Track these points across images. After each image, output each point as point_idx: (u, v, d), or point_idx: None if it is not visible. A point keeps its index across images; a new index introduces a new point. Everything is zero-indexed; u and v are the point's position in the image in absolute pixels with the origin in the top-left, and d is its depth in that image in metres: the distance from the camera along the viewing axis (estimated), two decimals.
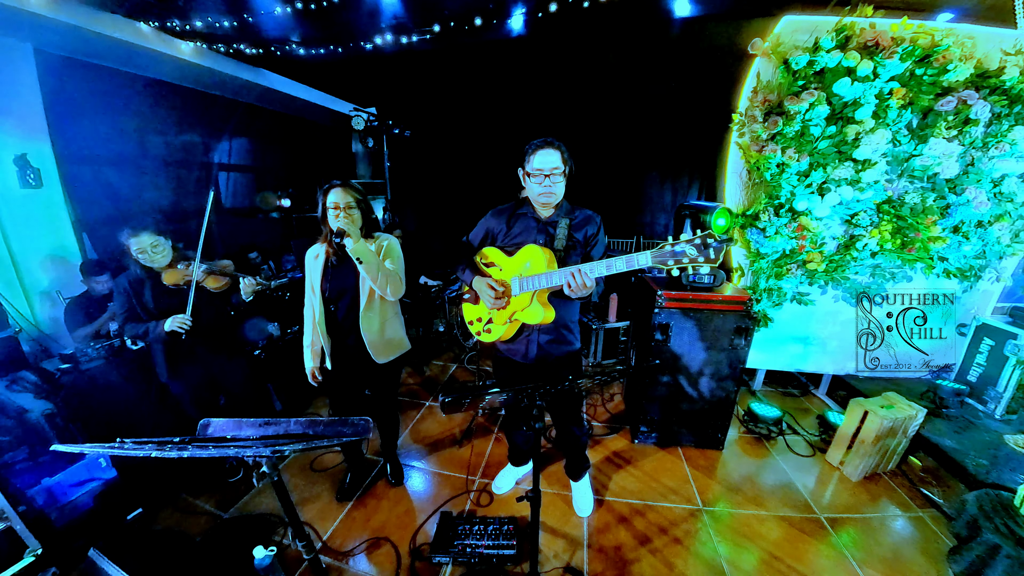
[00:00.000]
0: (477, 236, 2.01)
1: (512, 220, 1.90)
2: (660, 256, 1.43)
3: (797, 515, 2.31)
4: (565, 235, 1.80)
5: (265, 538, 2.06)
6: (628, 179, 5.66)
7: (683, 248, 1.39)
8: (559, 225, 1.81)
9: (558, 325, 1.90)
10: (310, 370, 2.16)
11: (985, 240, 2.77)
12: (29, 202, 2.83)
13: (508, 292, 1.84)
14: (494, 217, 1.95)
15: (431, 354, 4.34)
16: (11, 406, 2.10)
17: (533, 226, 1.85)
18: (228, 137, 4.63)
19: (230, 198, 4.76)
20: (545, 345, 1.93)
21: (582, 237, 1.84)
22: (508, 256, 1.87)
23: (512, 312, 1.85)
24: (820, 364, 3.26)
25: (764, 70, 2.69)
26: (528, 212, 1.87)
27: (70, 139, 3.07)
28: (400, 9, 2.69)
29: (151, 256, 2.09)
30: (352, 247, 1.87)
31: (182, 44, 3.24)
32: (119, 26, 2.84)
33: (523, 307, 1.81)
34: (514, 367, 2.03)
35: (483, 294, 1.87)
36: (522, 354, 1.96)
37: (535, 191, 1.77)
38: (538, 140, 1.74)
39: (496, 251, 1.91)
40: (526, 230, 1.86)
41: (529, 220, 1.86)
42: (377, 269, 1.94)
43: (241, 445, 1.06)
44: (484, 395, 1.47)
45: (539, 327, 1.88)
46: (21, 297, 2.77)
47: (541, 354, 1.94)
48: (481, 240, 1.99)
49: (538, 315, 1.77)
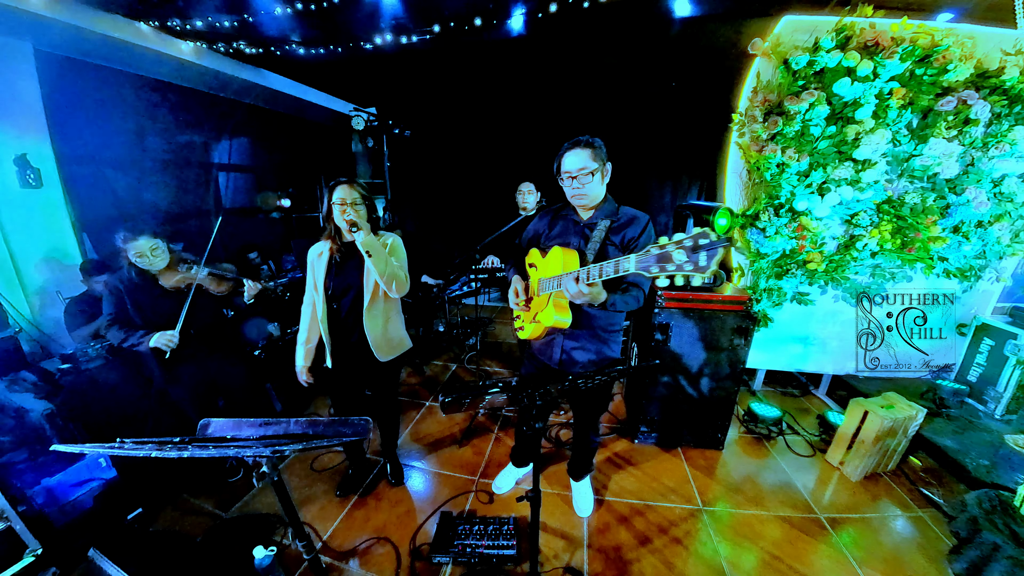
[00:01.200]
0: (526, 237, 2.04)
1: (555, 220, 1.91)
2: (644, 261, 1.23)
3: (797, 515, 2.31)
4: (602, 237, 1.73)
5: (265, 538, 2.06)
6: (628, 179, 5.63)
7: (669, 251, 1.16)
8: (597, 227, 1.75)
9: (586, 332, 1.86)
10: (300, 368, 2.16)
11: (985, 240, 2.77)
12: (29, 202, 2.83)
13: (531, 294, 1.87)
14: (541, 218, 1.98)
15: (431, 354, 4.34)
16: (11, 406, 2.10)
17: (571, 227, 1.84)
18: (228, 137, 4.63)
19: (230, 198, 4.76)
20: (569, 351, 1.90)
21: (620, 240, 1.74)
22: (543, 257, 1.85)
23: (535, 313, 1.85)
24: (820, 364, 3.26)
25: (764, 70, 2.69)
26: (569, 213, 1.85)
27: (70, 139, 3.07)
28: (400, 9, 2.69)
29: (150, 259, 2.07)
30: (363, 240, 1.87)
31: (182, 44, 3.24)
32: (119, 26, 2.84)
33: (542, 308, 1.80)
34: (540, 367, 2.03)
35: (510, 294, 1.91)
36: (548, 356, 1.96)
37: (568, 193, 1.77)
38: (570, 140, 1.71)
39: (536, 252, 1.92)
40: (565, 231, 1.86)
41: (569, 221, 1.85)
42: (385, 263, 1.95)
43: (241, 445, 1.06)
44: (484, 395, 1.45)
45: (563, 331, 1.86)
46: (21, 297, 2.77)
47: (564, 359, 1.92)
48: (529, 241, 2.01)
49: (551, 317, 1.73)
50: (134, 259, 2.05)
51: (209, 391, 2.45)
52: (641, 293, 1.74)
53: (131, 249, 2.04)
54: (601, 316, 1.85)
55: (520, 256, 2.04)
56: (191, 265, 2.18)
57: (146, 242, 2.04)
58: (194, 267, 2.17)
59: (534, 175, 3.34)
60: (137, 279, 2.12)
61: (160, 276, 2.15)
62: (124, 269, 2.11)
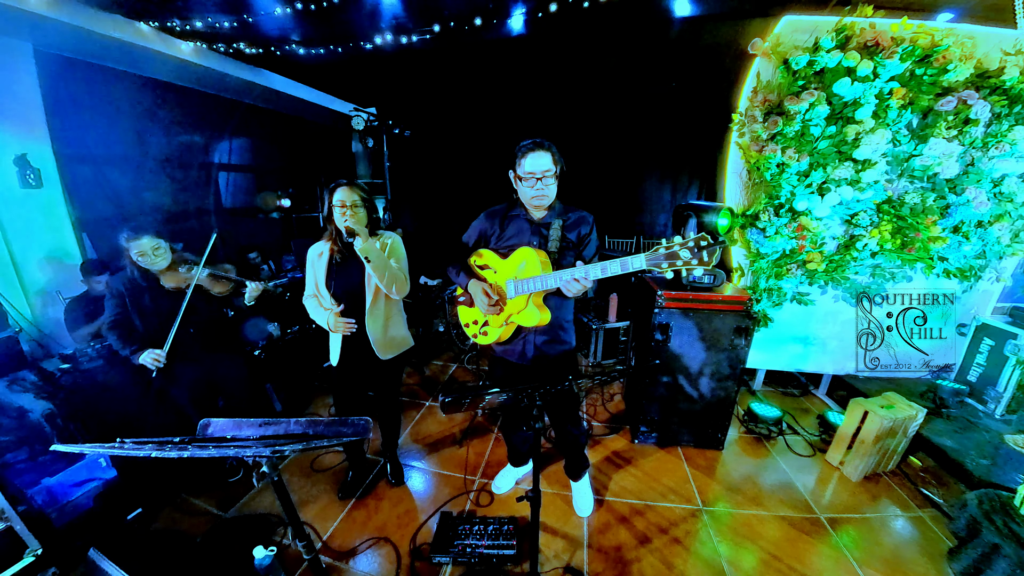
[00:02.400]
0: (471, 238, 2.00)
1: (505, 222, 1.90)
2: (654, 259, 1.42)
3: (797, 515, 2.31)
4: (559, 236, 1.80)
5: (265, 538, 2.05)
6: (628, 179, 5.66)
7: (676, 250, 1.37)
8: (552, 227, 1.81)
9: (553, 325, 1.90)
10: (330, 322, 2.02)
11: (985, 240, 2.77)
12: (29, 202, 2.82)
13: (503, 297, 1.84)
14: (487, 219, 1.95)
15: (431, 354, 4.34)
16: (11, 406, 2.09)
17: (526, 228, 1.84)
18: (228, 137, 4.62)
19: (230, 198, 4.76)
20: (541, 346, 1.93)
21: (575, 237, 1.84)
22: (502, 258, 1.86)
23: (508, 315, 1.85)
24: (820, 364, 3.26)
25: (764, 70, 2.69)
26: (521, 214, 1.86)
27: (70, 139, 3.07)
28: (400, 9, 2.69)
29: (152, 259, 2.07)
30: (361, 246, 1.86)
31: (182, 44, 3.24)
32: (119, 26, 2.84)
33: (519, 310, 1.81)
34: (510, 367, 2.03)
35: (477, 299, 1.88)
36: (518, 354, 1.96)
37: (527, 195, 1.76)
38: (527, 142, 1.72)
39: (490, 253, 1.91)
40: (519, 232, 1.86)
41: (522, 222, 1.86)
42: (384, 268, 1.95)
43: (241, 445, 1.06)
44: (484, 395, 1.46)
45: (535, 328, 1.87)
46: (21, 297, 2.77)
47: (537, 354, 1.94)
48: (475, 242, 1.99)
49: (534, 317, 1.77)
50: (136, 258, 2.06)
51: (209, 391, 2.44)
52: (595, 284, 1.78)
53: (134, 248, 2.04)
54: (562, 310, 1.92)
55: (464, 257, 2.00)
56: (192, 266, 2.18)
57: (149, 241, 2.05)
58: (194, 268, 2.17)
59: None
60: (139, 279, 2.12)
61: (162, 276, 2.15)
62: (127, 269, 2.12)
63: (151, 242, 2.06)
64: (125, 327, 2.14)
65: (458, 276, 1.98)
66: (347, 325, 2.01)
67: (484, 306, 1.85)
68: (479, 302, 1.87)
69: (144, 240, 2.04)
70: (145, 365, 2.07)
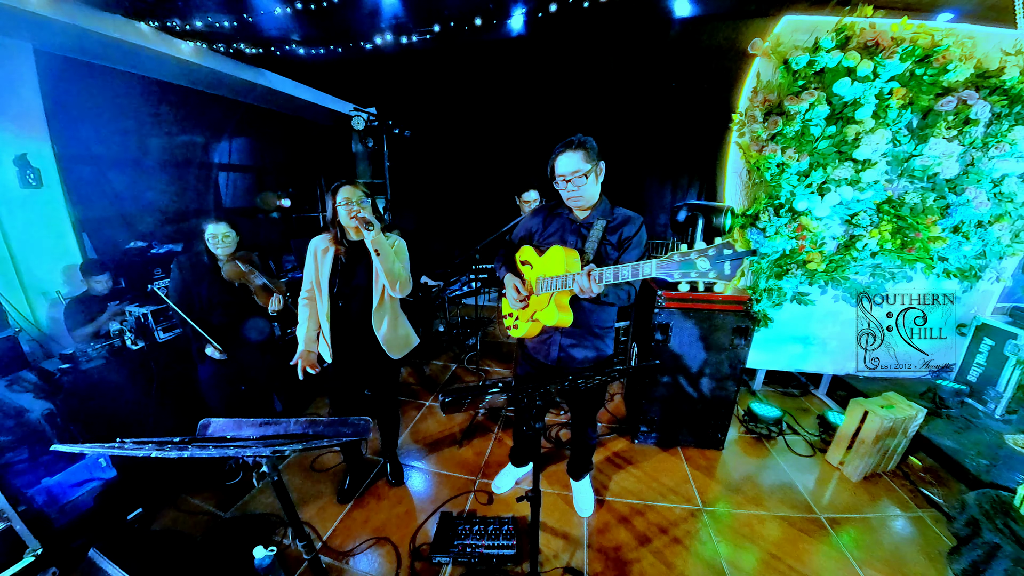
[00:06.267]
0: (518, 234, 2.03)
1: (549, 219, 1.90)
2: (666, 267, 1.30)
3: (797, 515, 2.31)
4: (599, 237, 1.75)
5: (265, 538, 2.06)
6: (628, 179, 5.64)
7: (692, 259, 1.24)
8: (594, 227, 1.76)
9: (583, 330, 1.87)
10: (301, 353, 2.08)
11: (985, 240, 2.77)
12: (29, 202, 2.82)
13: (531, 292, 1.85)
14: (534, 215, 1.97)
15: (431, 354, 4.34)
16: (11, 406, 2.09)
17: (567, 226, 1.83)
18: (228, 137, 4.62)
19: (230, 198, 4.76)
20: (567, 348, 1.90)
21: (616, 240, 1.77)
22: (539, 255, 1.85)
23: (533, 312, 1.85)
24: (820, 364, 3.26)
25: (764, 70, 2.69)
26: (564, 212, 1.85)
27: (70, 139, 3.07)
28: (400, 9, 2.69)
29: (219, 242, 2.32)
30: (373, 237, 1.87)
31: (182, 44, 3.24)
32: (119, 26, 2.84)
33: (541, 307, 1.80)
34: (537, 366, 2.02)
35: (509, 293, 1.90)
36: (544, 354, 1.96)
37: (563, 196, 1.76)
38: (563, 142, 1.70)
39: (530, 249, 1.91)
40: (560, 229, 1.85)
41: (564, 219, 1.85)
42: (392, 261, 1.96)
43: (241, 445, 1.05)
44: (484, 395, 1.45)
45: (560, 329, 1.86)
46: (21, 297, 2.77)
47: (563, 356, 1.91)
48: (521, 238, 2.01)
49: (554, 317, 1.73)
50: (207, 239, 2.31)
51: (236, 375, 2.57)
52: (633, 290, 1.78)
53: (208, 230, 2.31)
54: (596, 314, 1.87)
55: (511, 252, 2.02)
56: (253, 270, 2.44)
57: (223, 227, 2.33)
58: (255, 272, 2.44)
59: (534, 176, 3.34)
60: (204, 259, 2.36)
61: (222, 264, 2.38)
62: (201, 252, 2.36)
63: (224, 228, 2.34)
64: (188, 300, 2.35)
65: (500, 269, 2.01)
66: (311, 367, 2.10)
67: (513, 300, 1.88)
68: (509, 296, 1.90)
69: (221, 225, 2.33)
70: (211, 357, 2.36)
